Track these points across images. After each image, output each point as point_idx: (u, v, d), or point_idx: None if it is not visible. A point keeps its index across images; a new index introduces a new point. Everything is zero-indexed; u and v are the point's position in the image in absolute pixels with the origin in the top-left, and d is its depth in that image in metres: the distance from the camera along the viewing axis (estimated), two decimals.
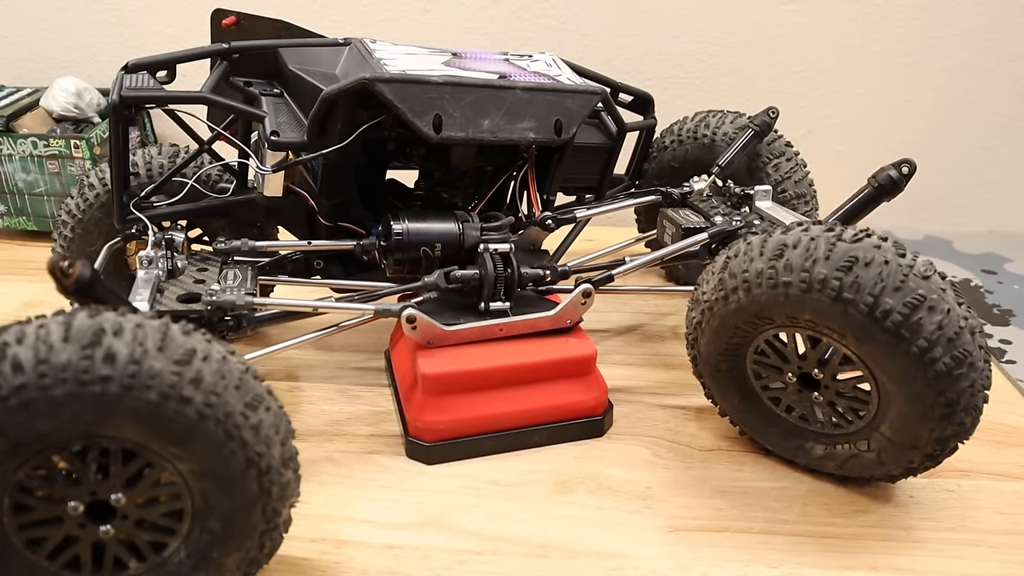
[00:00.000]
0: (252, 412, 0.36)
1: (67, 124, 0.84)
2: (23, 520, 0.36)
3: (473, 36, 0.89)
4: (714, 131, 0.69)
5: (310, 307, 0.54)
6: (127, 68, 0.53)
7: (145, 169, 0.60)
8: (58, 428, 0.34)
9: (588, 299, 0.54)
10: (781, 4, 0.88)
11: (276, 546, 0.40)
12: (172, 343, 0.34)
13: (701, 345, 0.51)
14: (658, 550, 0.46)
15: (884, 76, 0.92)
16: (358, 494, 0.50)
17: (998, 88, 0.92)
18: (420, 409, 0.52)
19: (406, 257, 0.55)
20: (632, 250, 0.70)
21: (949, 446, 0.45)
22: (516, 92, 0.55)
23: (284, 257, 0.59)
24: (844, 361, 0.46)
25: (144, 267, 0.52)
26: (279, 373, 0.61)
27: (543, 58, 0.64)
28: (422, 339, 0.52)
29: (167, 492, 0.37)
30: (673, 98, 0.91)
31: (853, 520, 0.48)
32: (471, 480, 0.51)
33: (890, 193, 0.55)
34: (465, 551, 0.45)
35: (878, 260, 0.42)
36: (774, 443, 0.52)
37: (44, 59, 0.91)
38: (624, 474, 0.52)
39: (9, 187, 0.83)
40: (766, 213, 0.61)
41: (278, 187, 0.56)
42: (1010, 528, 0.48)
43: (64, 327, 0.33)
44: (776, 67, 0.91)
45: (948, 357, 0.41)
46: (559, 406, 0.54)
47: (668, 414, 0.58)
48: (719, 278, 0.48)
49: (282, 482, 0.37)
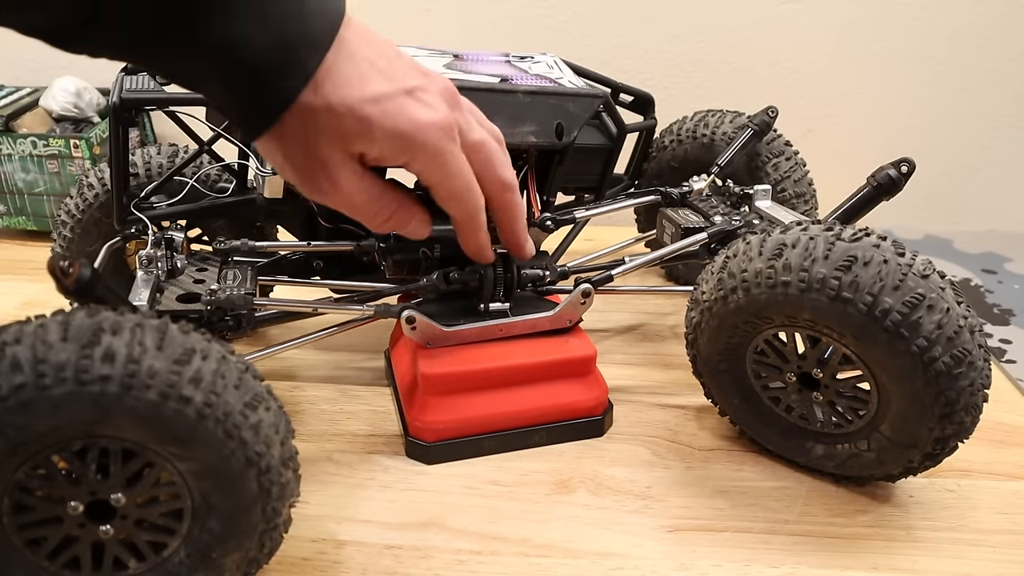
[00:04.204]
0: (252, 411, 0.36)
1: (67, 124, 0.84)
2: (23, 520, 0.36)
3: (472, 36, 0.89)
4: (713, 130, 0.69)
5: (310, 307, 0.54)
6: (127, 69, 0.53)
7: (144, 169, 0.60)
8: (57, 428, 0.34)
9: (588, 299, 0.54)
10: (781, 4, 0.88)
11: (276, 546, 0.40)
12: (171, 342, 0.34)
13: (700, 345, 0.51)
14: (658, 550, 0.46)
15: (884, 76, 0.92)
16: (358, 494, 0.50)
17: (998, 88, 0.92)
18: (420, 409, 0.52)
19: (405, 258, 0.55)
20: (632, 250, 0.70)
21: (949, 445, 0.45)
22: (518, 96, 0.55)
23: (284, 257, 0.59)
24: (844, 360, 0.46)
25: (144, 267, 0.52)
26: (279, 373, 0.61)
27: (544, 59, 0.64)
28: (422, 340, 0.52)
29: (167, 492, 0.37)
30: (673, 98, 0.91)
31: (853, 520, 0.48)
32: (471, 480, 0.51)
33: (889, 192, 0.55)
34: (465, 551, 0.46)
35: (877, 259, 0.42)
36: (774, 443, 0.52)
37: (44, 59, 0.92)
38: (624, 474, 0.52)
39: (9, 187, 0.83)
40: (765, 212, 0.61)
41: (278, 188, 0.56)
42: (1010, 528, 0.48)
43: (63, 326, 0.33)
44: (776, 67, 0.91)
45: (947, 356, 0.41)
46: (559, 406, 0.54)
47: (668, 414, 0.58)
48: (718, 278, 0.48)
49: (282, 482, 0.37)
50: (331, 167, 0.37)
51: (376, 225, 0.42)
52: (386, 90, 0.37)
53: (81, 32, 0.31)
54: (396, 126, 0.37)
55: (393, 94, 0.37)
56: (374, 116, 0.36)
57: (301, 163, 0.37)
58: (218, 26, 0.32)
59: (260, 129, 0.36)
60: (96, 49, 0.33)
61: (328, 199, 0.39)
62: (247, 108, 0.35)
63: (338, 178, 0.38)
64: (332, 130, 0.36)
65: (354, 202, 0.40)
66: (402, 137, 0.37)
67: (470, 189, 0.42)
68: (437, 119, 0.38)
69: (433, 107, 0.38)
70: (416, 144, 0.38)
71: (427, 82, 0.39)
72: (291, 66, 0.34)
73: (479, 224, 0.44)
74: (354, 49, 0.36)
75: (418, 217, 0.43)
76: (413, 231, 0.44)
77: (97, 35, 0.32)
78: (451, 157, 0.40)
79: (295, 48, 0.34)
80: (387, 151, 0.38)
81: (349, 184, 0.38)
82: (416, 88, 0.38)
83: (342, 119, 0.36)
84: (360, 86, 0.36)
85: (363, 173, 0.39)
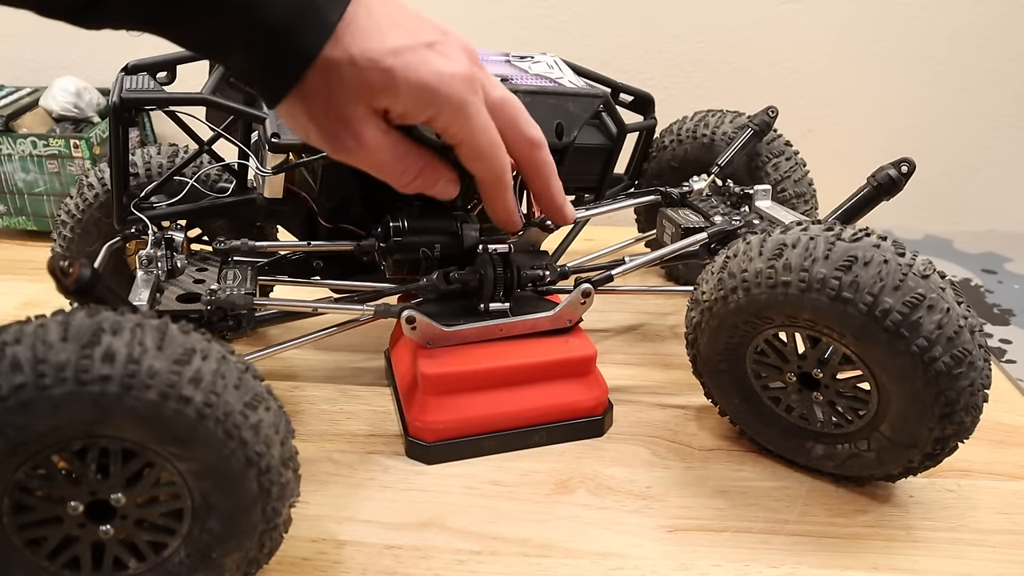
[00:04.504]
0: (252, 411, 0.36)
1: (67, 124, 0.84)
2: (23, 520, 0.36)
3: (472, 36, 0.89)
4: (713, 130, 0.69)
5: (310, 307, 0.54)
6: (127, 69, 0.53)
7: (144, 169, 0.60)
8: (57, 428, 0.34)
9: (587, 299, 0.54)
10: (781, 3, 0.88)
11: (276, 546, 0.40)
12: (171, 342, 0.34)
13: (700, 345, 0.51)
14: (658, 550, 0.46)
15: (884, 76, 0.92)
16: (358, 494, 0.50)
17: (998, 88, 0.92)
18: (420, 409, 0.52)
19: (405, 258, 0.55)
20: (632, 250, 0.70)
21: (949, 445, 0.45)
22: (517, 96, 0.55)
23: (284, 257, 0.59)
24: (844, 360, 0.46)
25: (144, 267, 0.52)
26: (279, 373, 0.61)
27: (544, 59, 0.64)
28: (422, 340, 0.52)
29: (167, 492, 0.37)
30: (673, 98, 0.91)
31: (853, 520, 0.48)
32: (471, 480, 0.51)
33: (889, 192, 0.55)
34: (465, 551, 0.46)
35: (877, 259, 0.42)
36: (774, 443, 0.52)
37: (44, 59, 0.92)
38: (624, 474, 0.52)
39: (9, 187, 0.83)
40: (765, 212, 0.61)
41: (278, 189, 0.56)
42: (1010, 528, 0.48)
43: (63, 326, 0.33)
44: (776, 67, 0.91)
45: (947, 356, 0.41)
46: (559, 406, 0.54)
47: (668, 414, 0.58)
48: (718, 278, 0.48)
49: (282, 482, 0.37)
50: (356, 124, 0.37)
51: (403, 184, 0.41)
52: (407, 43, 0.36)
53: (96, 6, 0.31)
54: (420, 78, 0.36)
55: (415, 46, 0.37)
56: (397, 68, 0.36)
57: (325, 122, 0.37)
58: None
59: (284, 90, 0.35)
60: (114, 22, 0.33)
61: (354, 158, 0.39)
62: (269, 71, 0.35)
63: (363, 135, 0.37)
64: (356, 84, 0.36)
65: (380, 159, 0.39)
66: (426, 89, 0.37)
67: (496, 146, 0.41)
68: (460, 71, 0.38)
69: (455, 59, 0.38)
70: (440, 96, 0.37)
71: (447, 37, 0.38)
72: (311, 22, 0.34)
73: (505, 183, 0.43)
74: (372, 5, 0.36)
75: (446, 176, 0.43)
76: (441, 191, 0.43)
77: (110, 9, 0.32)
78: (476, 111, 0.39)
79: (314, 4, 0.34)
80: (411, 105, 0.37)
81: (375, 141, 0.38)
82: (436, 42, 0.38)
83: (365, 72, 0.35)
84: (381, 39, 0.36)
85: (388, 130, 0.38)
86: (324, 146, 0.38)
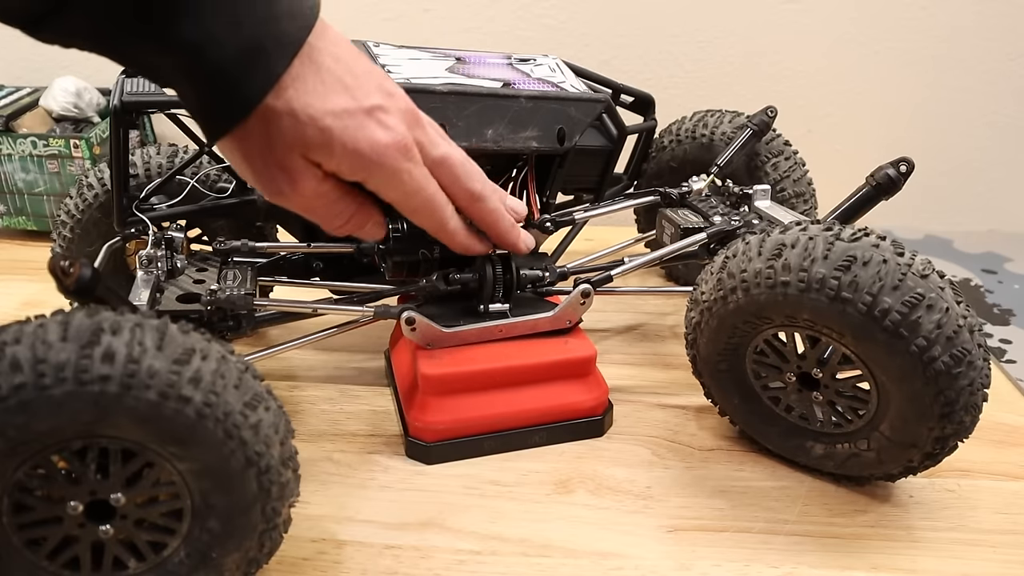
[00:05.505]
0: (251, 411, 0.36)
1: (67, 124, 0.84)
2: (23, 520, 0.36)
3: (472, 36, 0.90)
4: (712, 130, 0.69)
5: (310, 308, 0.54)
6: (127, 72, 0.53)
7: (144, 169, 0.60)
8: (57, 427, 0.34)
9: (587, 299, 0.54)
10: (781, 3, 0.88)
11: (276, 546, 0.40)
12: (171, 342, 0.35)
13: (700, 345, 0.51)
14: (658, 550, 0.46)
15: (884, 76, 0.92)
16: (358, 494, 0.50)
17: (998, 88, 0.92)
18: (420, 409, 0.52)
19: (405, 259, 0.55)
20: (631, 250, 0.70)
21: (948, 445, 0.45)
22: (520, 101, 0.55)
23: (283, 258, 0.59)
24: (843, 360, 0.46)
25: (144, 267, 0.52)
26: (278, 373, 0.61)
27: (547, 62, 0.64)
28: (421, 341, 0.52)
29: (166, 492, 0.37)
30: (673, 98, 0.91)
31: (853, 520, 0.48)
32: (471, 480, 0.51)
33: (888, 192, 0.55)
34: (465, 551, 0.46)
35: (876, 259, 0.42)
36: (774, 443, 0.52)
37: (44, 59, 0.92)
38: (624, 474, 0.52)
39: (9, 187, 0.83)
40: (765, 212, 0.61)
41: None
42: (1010, 528, 0.48)
43: (62, 326, 0.33)
44: (776, 67, 0.91)
45: (947, 356, 0.41)
46: (559, 406, 0.54)
47: (668, 414, 0.58)
48: (717, 278, 0.48)
49: (282, 481, 0.37)
50: (293, 172, 0.38)
51: (333, 228, 0.43)
52: (348, 106, 0.37)
53: (50, 19, 0.32)
54: (356, 144, 0.38)
55: (354, 111, 0.38)
56: (335, 130, 0.37)
57: (261, 166, 0.38)
58: (190, 25, 0.32)
59: (223, 130, 0.36)
60: (65, 38, 0.33)
61: (288, 202, 0.40)
62: (212, 108, 0.36)
63: (299, 183, 0.39)
64: (293, 136, 0.37)
65: (312, 206, 0.41)
66: (359, 155, 0.38)
67: (431, 202, 0.43)
68: (395, 140, 0.39)
69: (391, 128, 0.39)
70: (372, 163, 0.39)
71: (389, 102, 0.40)
72: (257, 70, 0.34)
73: (451, 231, 0.46)
74: (322, 60, 0.37)
75: (374, 219, 0.44)
76: (368, 233, 0.45)
77: (62, 23, 0.32)
78: (407, 176, 0.41)
79: (265, 51, 0.34)
80: (344, 166, 0.39)
81: (310, 188, 0.39)
82: (377, 108, 0.39)
83: (304, 127, 0.36)
84: (323, 98, 0.37)
85: (323, 177, 0.40)
86: (259, 188, 0.39)
